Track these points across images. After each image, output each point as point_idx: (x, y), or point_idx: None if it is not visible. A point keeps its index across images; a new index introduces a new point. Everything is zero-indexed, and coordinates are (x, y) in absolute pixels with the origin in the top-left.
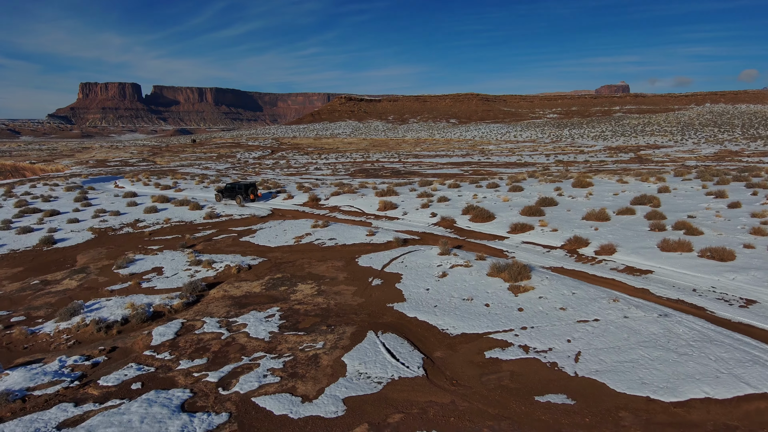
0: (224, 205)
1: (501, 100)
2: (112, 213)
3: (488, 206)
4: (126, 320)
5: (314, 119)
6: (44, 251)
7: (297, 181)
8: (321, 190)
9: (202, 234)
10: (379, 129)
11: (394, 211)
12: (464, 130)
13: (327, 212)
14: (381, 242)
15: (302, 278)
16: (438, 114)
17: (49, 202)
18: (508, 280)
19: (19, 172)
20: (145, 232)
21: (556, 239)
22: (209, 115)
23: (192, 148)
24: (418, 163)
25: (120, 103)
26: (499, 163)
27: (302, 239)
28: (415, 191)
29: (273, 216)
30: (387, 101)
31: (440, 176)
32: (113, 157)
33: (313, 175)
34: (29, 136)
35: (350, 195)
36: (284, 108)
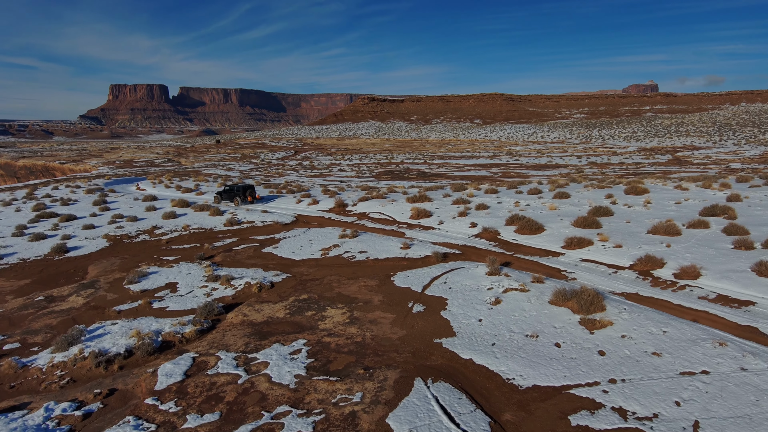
0: (245, 212)
1: (526, 100)
2: (130, 219)
3: (534, 215)
4: (130, 352)
5: (337, 120)
6: (55, 261)
7: (321, 183)
8: (348, 194)
9: (222, 243)
10: (402, 129)
11: (429, 219)
12: (489, 131)
13: (355, 219)
14: (417, 257)
15: (331, 301)
16: (462, 114)
17: (68, 205)
18: (578, 311)
19: (50, 171)
20: (162, 240)
21: (623, 257)
22: (234, 115)
23: (216, 148)
24: (444, 164)
25: (148, 104)
26: (529, 165)
27: (330, 251)
28: (450, 197)
29: (297, 223)
30: (410, 101)
31: (468, 178)
32: (139, 158)
33: (337, 176)
34: (61, 137)
35: (379, 201)
36: (307, 108)
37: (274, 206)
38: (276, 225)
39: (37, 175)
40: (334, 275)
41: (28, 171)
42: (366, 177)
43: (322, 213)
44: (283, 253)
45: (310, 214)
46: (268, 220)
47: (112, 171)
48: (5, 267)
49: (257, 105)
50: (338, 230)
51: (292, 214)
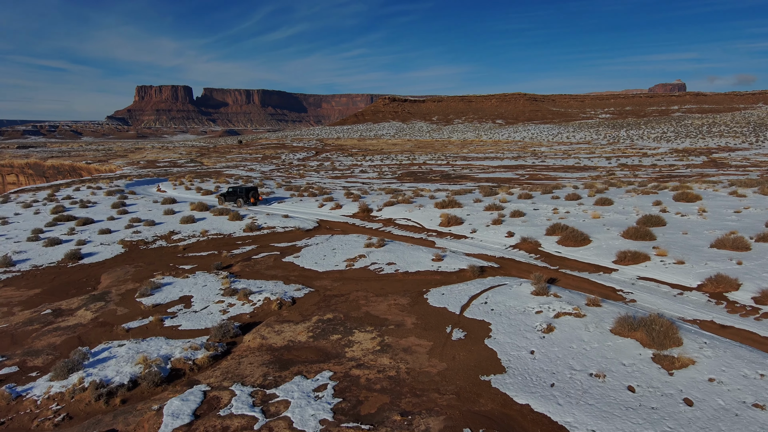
0: (266, 217)
1: (549, 99)
2: (147, 223)
3: (577, 224)
4: (135, 383)
5: (358, 120)
6: (68, 268)
7: (343, 185)
8: (371, 198)
9: (241, 251)
10: (423, 130)
11: (460, 227)
12: (512, 131)
13: (381, 226)
14: (452, 270)
15: (359, 322)
16: (484, 114)
17: (87, 208)
18: (649, 345)
19: (76, 171)
20: (179, 246)
21: (687, 276)
22: (256, 116)
23: (239, 149)
24: (467, 165)
25: (172, 105)
26: (557, 167)
27: (355, 262)
28: (481, 202)
29: (319, 230)
30: (431, 102)
31: (493, 180)
32: (163, 158)
33: (358, 178)
34: (90, 137)
35: (406, 206)
36: (328, 109)
37: (295, 209)
38: (297, 231)
39: (64, 174)
40: (360, 291)
41: (56, 171)
42: (388, 179)
43: (346, 218)
44: (305, 264)
45: (333, 220)
46: (289, 225)
47: (136, 171)
48: (17, 275)
49: (279, 106)
50: (363, 238)
51: (314, 220)
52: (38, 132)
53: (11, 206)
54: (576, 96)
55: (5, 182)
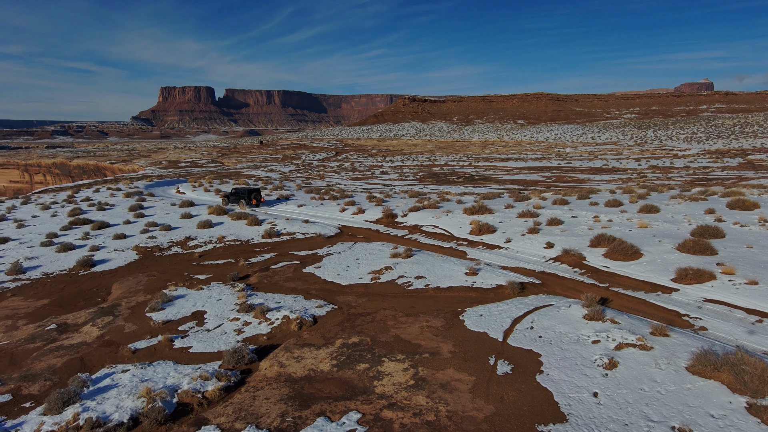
0: (286, 222)
1: (572, 99)
2: (163, 228)
3: (623, 235)
4: (136, 420)
5: (377, 120)
6: (79, 276)
7: (364, 187)
8: (395, 202)
9: (259, 259)
10: (443, 130)
11: (493, 236)
12: (535, 132)
13: (406, 233)
14: (488, 286)
15: (388, 348)
16: (505, 114)
17: (104, 210)
18: (740, 391)
19: (101, 171)
20: (194, 253)
21: (765, 299)
22: (276, 116)
23: (259, 149)
24: (490, 167)
25: (195, 106)
26: (584, 169)
27: (381, 275)
28: (513, 208)
29: (341, 236)
30: (451, 102)
31: (518, 183)
32: (185, 158)
33: (379, 179)
34: (115, 137)
35: (432, 211)
36: (348, 109)
37: (315, 213)
38: (318, 238)
39: (89, 174)
40: (388, 309)
41: (81, 170)
42: (410, 180)
43: (369, 224)
44: (326, 275)
45: (356, 226)
46: (309, 231)
47: (157, 172)
48: (26, 283)
49: (299, 106)
50: (389, 247)
51: (335, 225)
52: (66, 132)
53: (30, 208)
54: (600, 96)
55: (33, 181)
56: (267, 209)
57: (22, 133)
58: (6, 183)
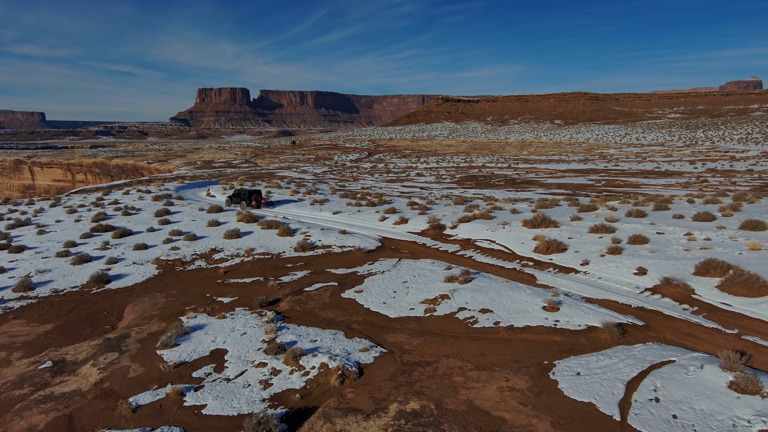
0: (320, 232)
1: (612, 99)
2: (188, 237)
3: (733, 259)
4: None
5: (410, 121)
6: (91, 294)
7: (401, 191)
8: (440, 210)
9: (291, 278)
10: (477, 131)
11: (564, 255)
12: (574, 132)
13: (458, 249)
14: (576, 327)
15: (461, 421)
16: (541, 115)
17: (129, 215)
18: None
19: (138, 171)
20: (219, 269)
21: None
22: (309, 117)
23: (292, 149)
24: (531, 169)
25: (231, 107)
26: (634, 172)
27: (436, 306)
28: (581, 220)
29: (383, 251)
30: (485, 102)
31: (565, 187)
32: (219, 158)
33: (415, 182)
34: (154, 137)
35: (486, 222)
36: (379, 110)
37: (352, 222)
38: (357, 253)
39: (127, 173)
40: (452, 356)
41: (120, 170)
42: (447, 183)
43: (414, 236)
44: (370, 303)
45: (399, 238)
46: (347, 244)
47: (191, 172)
48: (33, 303)
49: (331, 107)
50: (440, 266)
51: (376, 237)
52: (109, 132)
53: (57, 211)
54: (641, 95)
55: (75, 180)
56: (299, 214)
57: (68, 133)
58: (50, 182)
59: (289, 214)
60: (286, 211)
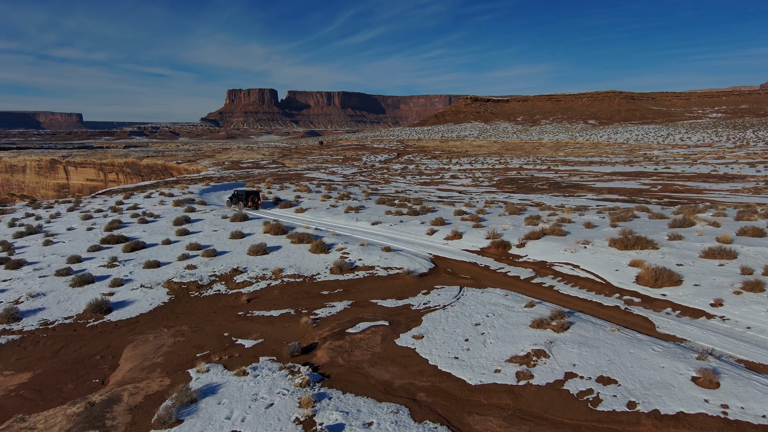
0: (360, 249)
1: (648, 98)
2: (207, 253)
3: None
4: None
5: (438, 121)
6: (86, 329)
7: (438, 195)
8: (495, 221)
9: (328, 311)
10: (508, 131)
11: (680, 290)
12: (611, 132)
13: (532, 275)
14: (757, 421)
15: None
16: (574, 114)
17: (146, 223)
18: None
19: (168, 171)
20: (242, 294)
21: None
22: (336, 117)
23: (319, 150)
24: (573, 171)
25: (259, 108)
26: (689, 175)
27: (531, 368)
28: (682, 240)
29: (438, 275)
30: (515, 101)
31: (617, 192)
32: (247, 158)
33: (451, 185)
34: (185, 137)
35: (560, 240)
36: (406, 110)
37: (396, 235)
38: (407, 277)
39: (157, 174)
40: None
41: (150, 170)
42: (486, 186)
43: (472, 255)
44: (436, 357)
45: (454, 258)
46: (394, 266)
47: (218, 173)
48: (15, 339)
49: (358, 107)
50: (518, 301)
51: (426, 256)
52: (142, 133)
53: (72, 217)
54: (680, 94)
55: (107, 180)
56: (333, 224)
57: (104, 133)
58: (84, 181)
59: (321, 223)
60: (319, 219)
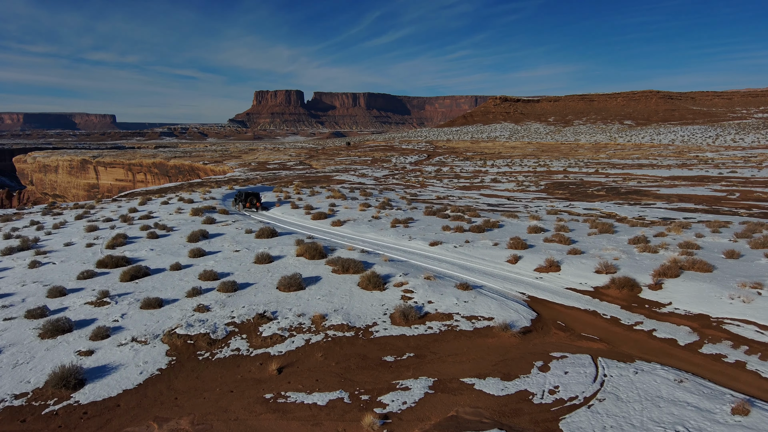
0: (426, 285)
1: (687, 97)
2: (224, 287)
3: None
4: None
5: (466, 121)
6: (41, 418)
7: (488, 202)
8: (587, 241)
9: (401, 402)
10: (540, 132)
11: None
12: (653, 133)
13: (695, 338)
14: None
15: None
16: (608, 115)
17: (156, 239)
18: None
19: (194, 171)
20: (270, 360)
21: None
22: (361, 118)
23: (347, 151)
24: (626, 176)
25: (285, 109)
26: (762, 180)
27: None
28: None
29: (546, 330)
30: (546, 101)
31: (686, 198)
32: (273, 159)
33: (494, 189)
34: (213, 138)
35: (709, 278)
36: (431, 111)
37: (468, 263)
38: (504, 334)
39: (184, 174)
40: None
41: (177, 170)
42: (534, 192)
43: (585, 299)
44: None
45: (558, 301)
46: (479, 314)
47: (244, 174)
48: None
49: (383, 108)
50: (707, 396)
51: (518, 297)
52: (172, 134)
53: (76, 228)
54: (721, 93)
55: (135, 180)
56: (383, 243)
57: (136, 134)
58: (113, 181)
59: (366, 241)
60: (362, 236)
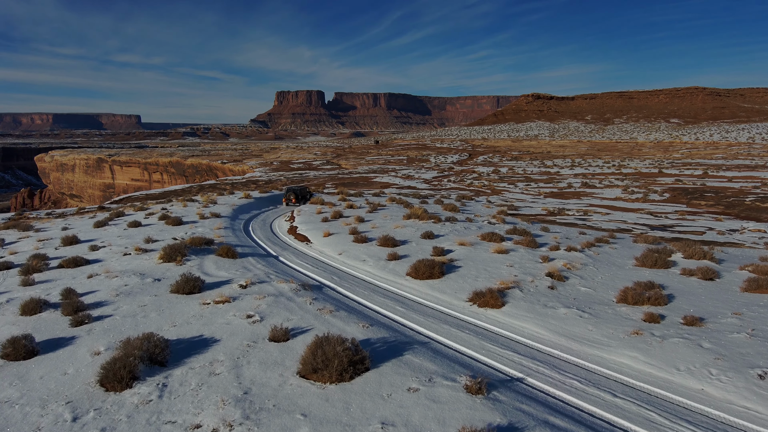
0: None
1: (736, 94)
2: None
3: None
4: None
5: (497, 120)
6: None
7: (648, 224)
8: None
9: None
10: (581, 130)
11: None
12: (714, 131)
13: None
14: None
15: None
16: (650, 113)
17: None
18: None
19: (212, 171)
20: None
21: None
22: (381, 119)
23: (376, 149)
24: (747, 178)
25: (306, 109)
26: None
27: None
28: None
29: None
30: (581, 99)
31: None
32: (297, 159)
33: (600, 197)
34: (235, 138)
35: None
36: (452, 111)
37: None
38: None
39: (202, 174)
40: None
41: (194, 170)
42: (659, 203)
43: None
44: None
45: None
46: None
47: (266, 175)
48: None
49: (403, 108)
50: None
51: None
52: (194, 134)
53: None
54: None
55: (151, 180)
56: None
57: (160, 134)
58: (128, 181)
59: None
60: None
